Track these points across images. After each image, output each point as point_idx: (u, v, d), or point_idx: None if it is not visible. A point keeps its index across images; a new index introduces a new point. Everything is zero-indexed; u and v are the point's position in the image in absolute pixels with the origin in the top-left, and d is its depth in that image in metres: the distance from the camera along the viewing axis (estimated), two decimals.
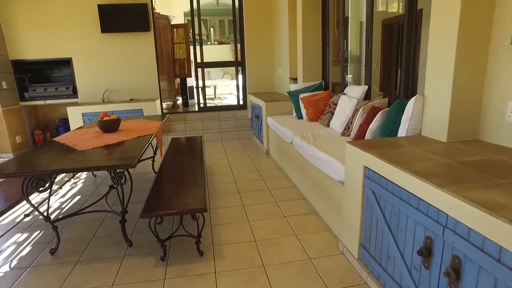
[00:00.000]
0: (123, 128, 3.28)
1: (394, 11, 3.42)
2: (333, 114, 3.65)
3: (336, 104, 3.66)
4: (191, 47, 6.35)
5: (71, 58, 5.73)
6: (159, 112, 6.02)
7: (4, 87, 5.45)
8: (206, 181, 3.80)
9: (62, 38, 5.64)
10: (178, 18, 8.47)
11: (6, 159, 5.60)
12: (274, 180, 3.77)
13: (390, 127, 2.40)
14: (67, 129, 5.80)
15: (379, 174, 1.77)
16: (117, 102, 5.62)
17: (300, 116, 4.32)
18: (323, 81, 4.58)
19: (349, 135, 3.13)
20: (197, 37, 6.27)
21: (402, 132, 2.27)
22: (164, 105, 7.08)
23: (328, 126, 3.66)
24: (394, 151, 1.85)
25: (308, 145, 2.93)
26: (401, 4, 3.37)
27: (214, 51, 10.61)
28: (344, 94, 3.65)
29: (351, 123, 3.17)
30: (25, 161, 2.28)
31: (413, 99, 2.19)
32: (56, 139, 2.93)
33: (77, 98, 5.89)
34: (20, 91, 5.76)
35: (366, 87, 3.39)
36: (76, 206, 3.26)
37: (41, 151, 2.57)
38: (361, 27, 3.94)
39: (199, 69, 6.34)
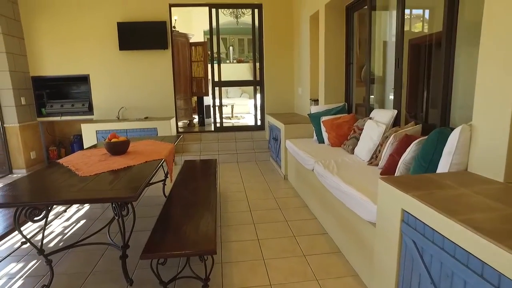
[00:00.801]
0: (133, 150, 3.08)
1: (417, 30, 3.15)
2: (358, 140, 3.35)
3: (361, 129, 3.36)
4: (210, 65, 6.22)
5: (88, 75, 5.70)
6: (174, 131, 5.86)
7: (22, 103, 5.44)
8: (218, 211, 3.54)
9: (81, 55, 5.63)
10: (198, 36, 8.45)
11: (20, 175, 5.55)
12: (292, 210, 3.46)
13: (428, 160, 2.08)
14: (81, 146, 5.71)
15: (422, 222, 1.46)
16: (132, 120, 5.50)
17: (321, 141, 4.03)
18: (346, 103, 4.31)
19: (376, 165, 2.82)
20: (215, 55, 6.15)
21: (443, 167, 1.96)
22: (181, 123, 6.95)
23: (353, 153, 3.35)
24: (440, 193, 1.54)
25: (331, 176, 2.63)
26: (426, 24, 3.11)
27: (233, 70, 10.54)
28: (370, 118, 3.35)
29: (379, 151, 2.87)
30: (21, 188, 2.09)
31: (458, 129, 1.88)
32: (61, 161, 2.75)
33: (93, 115, 5.82)
34: (38, 107, 5.74)
35: (395, 111, 3.09)
36: (79, 232, 3.04)
37: (42, 175, 2.38)
38: (384, 47, 3.69)
39: (216, 88, 6.19)
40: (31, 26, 5.51)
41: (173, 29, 7.13)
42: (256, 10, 5.89)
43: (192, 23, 9.19)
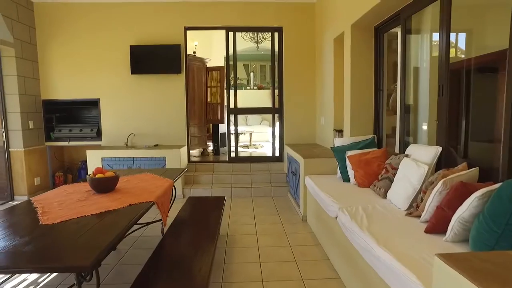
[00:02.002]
0: (123, 186, 2.64)
1: (452, 55, 2.63)
2: (391, 181, 2.76)
3: (395, 169, 2.78)
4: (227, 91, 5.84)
5: (99, 99, 5.46)
6: (185, 161, 5.45)
7: (30, 127, 5.22)
8: (221, 263, 2.99)
9: (93, 79, 5.42)
10: (218, 61, 8.21)
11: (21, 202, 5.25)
12: (310, 263, 2.86)
13: (502, 223, 1.49)
14: (87, 173, 5.38)
15: None
16: (140, 148, 5.14)
17: (346, 179, 3.46)
18: (375, 136, 3.75)
19: (418, 216, 2.21)
20: (231, 81, 5.80)
21: None
22: (195, 151, 6.57)
23: (385, 197, 2.76)
24: None
25: (360, 231, 2.05)
26: (459, 48, 2.59)
27: (252, 96, 10.23)
28: (406, 156, 2.77)
29: (421, 199, 2.27)
30: None
31: None
32: (35, 198, 2.34)
33: (101, 140, 5.52)
34: (47, 131, 5.52)
35: (440, 149, 2.51)
36: None
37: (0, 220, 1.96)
38: (416, 73, 3.18)
39: (232, 116, 5.78)
40: (46, 50, 5.39)
41: (193, 54, 6.92)
42: (276, 34, 5.54)
43: (212, 48, 9.03)
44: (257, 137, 9.34)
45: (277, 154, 5.80)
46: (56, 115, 5.56)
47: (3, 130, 5.01)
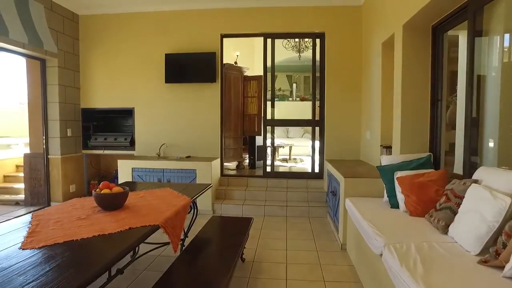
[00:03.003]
0: (134, 203, 2.37)
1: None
2: (454, 213, 2.19)
3: (460, 197, 2.21)
4: (268, 102, 5.47)
5: (133, 108, 5.40)
6: (217, 174, 5.16)
7: (68, 135, 5.28)
8: None
9: (128, 88, 5.39)
10: (260, 70, 7.94)
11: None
12: None
13: None
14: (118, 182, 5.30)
15: None
16: (171, 159, 4.94)
17: (394, 204, 2.90)
18: (431, 154, 3.15)
19: (498, 267, 1.64)
20: (270, 91, 5.45)
21: None
22: (231, 164, 6.29)
23: (446, 233, 2.19)
24: None
25: (413, 283, 1.54)
26: None
27: (295, 108, 9.84)
28: (475, 181, 2.19)
29: (502, 243, 1.70)
30: None
31: None
32: (37, 213, 2.13)
33: (134, 150, 5.43)
34: (84, 139, 5.57)
35: None
36: None
37: None
38: (478, 82, 2.59)
39: (269, 127, 5.42)
40: (87, 60, 5.48)
41: (234, 63, 6.73)
42: (317, 41, 5.13)
43: (255, 58, 8.80)
44: (298, 151, 8.87)
45: (316, 170, 5.31)
46: (93, 124, 5.60)
47: (44, 137, 5.10)
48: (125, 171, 4.91)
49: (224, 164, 5.58)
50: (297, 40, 7.12)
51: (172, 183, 3.32)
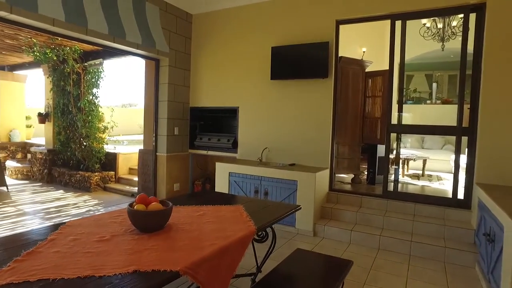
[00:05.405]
0: (182, 223, 1.79)
1: None
2: None
3: None
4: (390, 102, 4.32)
5: (238, 107, 5.02)
6: (326, 189, 4.30)
7: (175, 133, 5.28)
8: None
9: (234, 86, 5.06)
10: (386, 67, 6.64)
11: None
12: None
13: None
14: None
15: None
16: (272, 166, 4.31)
17: None
18: None
19: None
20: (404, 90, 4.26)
21: None
22: (344, 176, 5.33)
23: None
24: None
25: None
26: None
27: (434, 112, 8.02)
28: None
29: None
30: None
31: None
32: (67, 224, 1.76)
33: (236, 153, 5.04)
34: (192, 138, 5.51)
35: None
36: None
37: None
38: None
39: (394, 135, 4.23)
40: (197, 58, 5.40)
41: (361, 58, 5.72)
42: (472, 18, 3.68)
43: (385, 54, 7.47)
44: (435, 166, 7.11)
45: (460, 195, 3.83)
46: (200, 123, 5.49)
47: (154, 134, 5.22)
48: (222, 175, 4.55)
49: (337, 175, 4.63)
50: (440, 26, 5.56)
51: (253, 199, 2.65)
